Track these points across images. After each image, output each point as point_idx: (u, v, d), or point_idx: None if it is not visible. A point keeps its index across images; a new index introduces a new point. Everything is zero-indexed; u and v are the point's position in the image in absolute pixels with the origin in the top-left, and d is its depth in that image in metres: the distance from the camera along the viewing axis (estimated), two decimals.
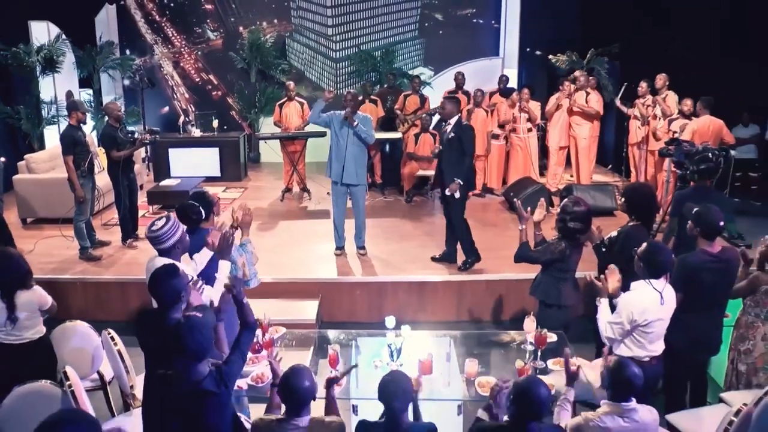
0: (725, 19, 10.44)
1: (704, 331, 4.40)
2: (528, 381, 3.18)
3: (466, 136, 6.80)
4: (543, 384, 3.16)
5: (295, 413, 3.19)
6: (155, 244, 4.09)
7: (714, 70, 10.23)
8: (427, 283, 6.72)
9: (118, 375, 4.51)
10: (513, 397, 3.12)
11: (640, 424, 3.30)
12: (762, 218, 8.55)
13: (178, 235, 4.07)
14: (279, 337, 4.67)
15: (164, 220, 4.07)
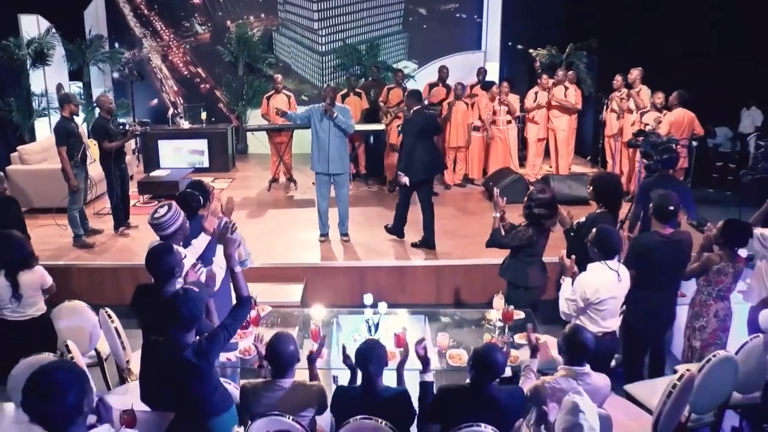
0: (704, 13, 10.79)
1: (657, 308, 4.76)
2: (486, 347, 3.53)
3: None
4: (499, 350, 3.52)
5: (279, 375, 3.53)
6: (157, 231, 4.31)
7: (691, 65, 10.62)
8: (407, 267, 7.06)
9: (114, 351, 4.81)
10: (472, 362, 3.47)
11: (592, 386, 3.65)
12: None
13: (179, 222, 4.31)
14: (265, 315, 4.99)
15: (166, 208, 4.30)
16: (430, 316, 5.05)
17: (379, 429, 3.41)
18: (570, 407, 2.72)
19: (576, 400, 2.74)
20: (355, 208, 8.51)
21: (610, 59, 11.06)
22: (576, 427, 2.66)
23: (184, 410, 3.48)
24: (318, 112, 7.26)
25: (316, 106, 7.35)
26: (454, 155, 10.26)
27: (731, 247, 4.78)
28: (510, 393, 3.59)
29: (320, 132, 7.27)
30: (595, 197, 5.31)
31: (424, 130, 7.33)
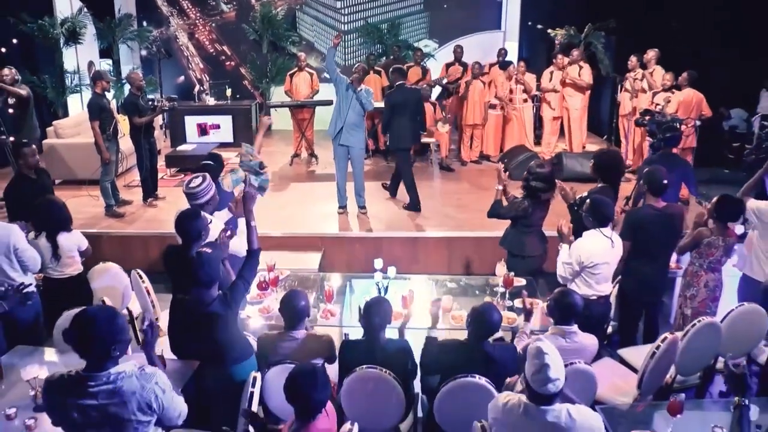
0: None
1: (650, 276, 5.06)
2: (483, 306, 3.88)
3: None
4: (495, 309, 3.86)
5: (292, 327, 3.92)
6: (191, 200, 4.73)
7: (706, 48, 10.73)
8: (420, 238, 7.41)
9: (145, 308, 5.24)
10: (470, 319, 3.82)
11: (579, 344, 3.99)
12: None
13: (212, 193, 4.75)
14: (284, 278, 5.38)
15: (201, 179, 4.72)
16: (437, 281, 5.40)
17: (381, 377, 3.78)
18: (535, 352, 3.04)
19: (539, 345, 3.08)
20: (373, 182, 8.85)
21: (628, 40, 11.20)
22: (543, 367, 2.99)
23: (210, 358, 3.88)
24: (345, 81, 7.60)
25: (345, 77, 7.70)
26: (471, 133, 10.53)
27: (723, 221, 5.04)
28: (504, 349, 3.94)
29: (342, 101, 7.62)
30: (596, 172, 5.58)
31: (402, 106, 7.92)
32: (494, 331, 3.86)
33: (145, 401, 2.82)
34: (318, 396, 2.97)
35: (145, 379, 2.86)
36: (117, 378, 2.79)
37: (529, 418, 3.10)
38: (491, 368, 3.83)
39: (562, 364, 3.10)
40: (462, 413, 3.67)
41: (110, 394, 2.76)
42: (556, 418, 3.07)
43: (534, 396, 3.08)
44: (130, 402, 2.78)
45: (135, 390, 2.80)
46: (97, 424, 2.77)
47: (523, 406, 3.12)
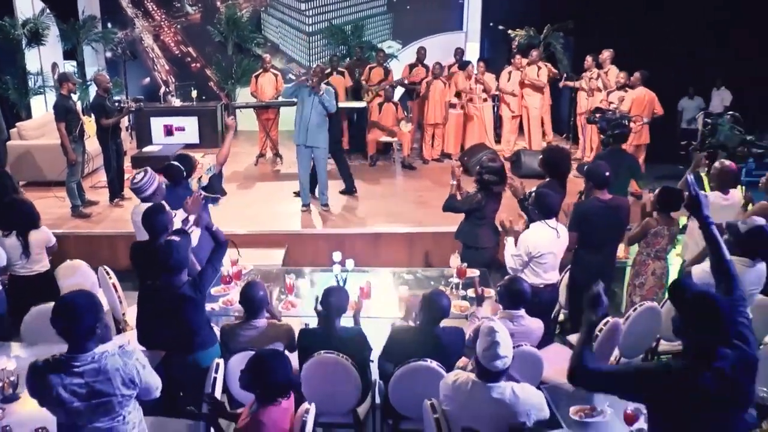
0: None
1: (597, 265, 5.31)
2: (433, 292, 4.13)
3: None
4: (445, 295, 4.11)
5: (252, 316, 4.13)
6: (137, 194, 5.13)
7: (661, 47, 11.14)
8: (381, 234, 7.63)
9: (112, 304, 5.36)
10: (421, 305, 4.06)
11: (525, 328, 4.24)
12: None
13: (155, 184, 5.11)
14: (247, 272, 5.56)
15: (142, 173, 5.13)
16: (394, 273, 5.64)
17: (338, 362, 3.99)
18: (487, 330, 3.28)
19: (491, 324, 3.32)
20: (337, 181, 9.05)
21: (585, 40, 11.56)
22: (493, 344, 3.23)
23: (178, 344, 4.06)
24: (305, 87, 7.77)
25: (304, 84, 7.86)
26: (432, 132, 10.78)
27: (666, 211, 5.34)
28: (453, 333, 4.18)
29: (305, 106, 7.78)
30: (544, 168, 5.84)
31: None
32: (444, 315, 4.10)
33: (128, 376, 3.02)
34: (279, 378, 3.16)
35: (127, 356, 3.07)
36: (101, 357, 2.99)
37: (475, 394, 3.34)
38: (442, 351, 4.07)
39: (510, 344, 3.35)
40: (415, 395, 3.87)
41: (96, 372, 2.96)
42: (500, 394, 3.31)
43: (482, 372, 3.32)
44: (114, 378, 2.98)
45: (118, 366, 3.00)
46: (84, 400, 2.96)
47: (471, 383, 3.36)
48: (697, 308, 2.80)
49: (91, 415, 2.99)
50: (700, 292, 2.94)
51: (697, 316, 2.78)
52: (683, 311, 2.85)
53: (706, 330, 2.76)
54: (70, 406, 2.94)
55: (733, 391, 2.74)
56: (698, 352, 2.79)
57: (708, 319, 2.75)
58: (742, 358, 2.78)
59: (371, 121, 10.55)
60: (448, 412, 3.46)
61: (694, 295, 2.89)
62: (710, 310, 2.75)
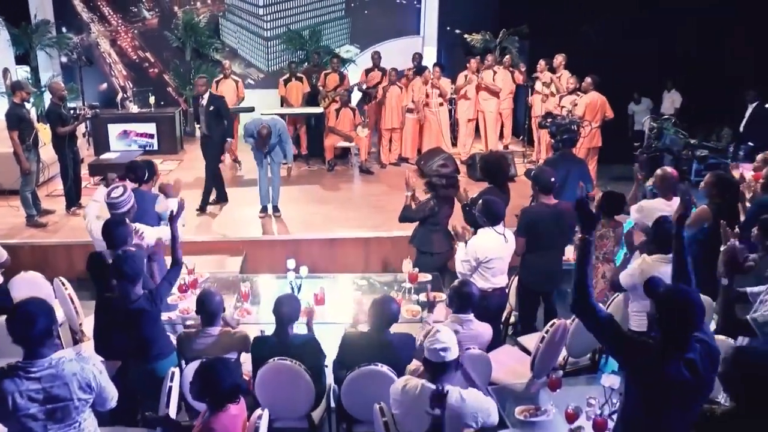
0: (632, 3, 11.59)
1: (544, 268, 5.50)
2: (382, 298, 4.25)
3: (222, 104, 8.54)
4: (393, 300, 4.24)
5: (208, 324, 4.21)
6: (112, 209, 4.98)
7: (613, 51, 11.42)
8: (337, 239, 7.74)
9: (68, 316, 5.38)
10: (371, 311, 4.18)
11: (474, 332, 4.38)
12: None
13: (131, 203, 5.03)
14: (203, 280, 5.62)
15: (121, 189, 5.01)
16: (348, 279, 5.75)
17: (292, 368, 4.09)
18: (433, 332, 3.44)
19: (437, 327, 3.47)
20: (295, 186, 9.15)
21: (540, 44, 11.80)
22: (436, 333, 3.39)
23: (135, 354, 4.13)
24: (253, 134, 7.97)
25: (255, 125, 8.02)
26: (390, 136, 10.91)
27: (610, 215, 5.53)
28: (403, 338, 4.31)
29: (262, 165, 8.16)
30: (482, 175, 6.00)
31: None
32: (393, 320, 4.24)
33: (85, 381, 3.10)
34: (226, 385, 3.25)
35: (84, 361, 3.15)
36: (58, 362, 3.07)
37: (424, 398, 3.45)
38: (393, 355, 4.20)
39: (454, 338, 3.47)
40: (367, 399, 3.99)
41: (53, 377, 3.03)
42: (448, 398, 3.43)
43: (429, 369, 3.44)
44: (71, 383, 3.06)
45: (75, 371, 3.08)
46: (41, 405, 3.02)
47: (420, 387, 3.48)
48: (672, 302, 2.99)
49: (47, 421, 3.05)
50: (673, 287, 3.17)
51: (673, 310, 2.97)
52: (659, 306, 3.01)
53: (681, 322, 2.95)
54: (26, 413, 2.99)
55: (700, 381, 2.92)
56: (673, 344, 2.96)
57: (682, 312, 2.94)
58: (708, 351, 2.99)
59: (328, 126, 10.65)
60: (397, 415, 3.58)
61: (669, 290, 3.11)
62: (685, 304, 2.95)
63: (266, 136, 7.86)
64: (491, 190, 5.81)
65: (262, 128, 7.85)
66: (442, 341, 3.37)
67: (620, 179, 10.40)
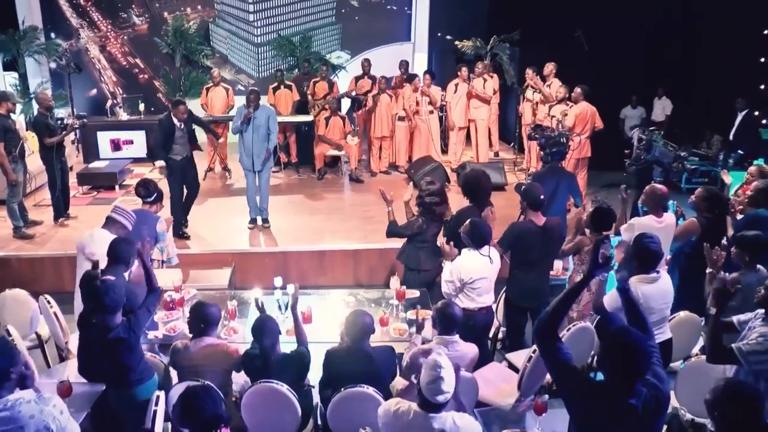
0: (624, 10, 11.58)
1: (531, 285, 5.50)
2: (353, 313, 4.33)
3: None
4: (366, 314, 4.32)
5: (198, 335, 4.21)
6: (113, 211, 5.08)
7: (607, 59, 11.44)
8: (326, 251, 7.72)
9: (54, 334, 5.35)
10: (346, 326, 4.21)
11: (460, 353, 4.37)
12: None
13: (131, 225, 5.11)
14: (190, 297, 5.59)
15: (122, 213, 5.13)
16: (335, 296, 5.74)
17: (277, 391, 4.09)
18: (432, 364, 3.40)
19: (437, 358, 3.44)
20: (284, 196, 9.12)
21: (531, 51, 11.81)
22: (438, 379, 3.35)
23: (115, 380, 4.11)
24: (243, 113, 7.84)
25: (243, 106, 7.91)
26: (380, 144, 10.91)
27: (598, 230, 5.52)
28: (382, 351, 4.37)
29: (245, 133, 7.88)
30: (464, 195, 5.98)
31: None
32: (370, 331, 4.29)
33: (43, 424, 2.98)
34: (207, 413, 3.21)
35: (44, 403, 3.03)
36: (15, 404, 2.96)
37: (416, 424, 3.43)
38: (375, 369, 4.24)
39: (453, 379, 3.46)
40: (353, 421, 3.99)
41: (8, 420, 2.92)
42: (441, 425, 3.41)
43: (424, 403, 3.43)
44: (27, 426, 2.94)
45: (33, 414, 2.96)
46: None
47: (412, 413, 3.45)
48: (617, 344, 2.98)
49: None
50: (620, 328, 3.13)
51: (617, 352, 2.96)
52: (603, 345, 3.01)
53: (624, 366, 2.94)
54: None
55: (642, 427, 2.91)
56: (616, 386, 2.96)
57: (626, 355, 2.92)
58: (655, 397, 2.97)
59: (318, 135, 10.63)
60: None
61: (616, 332, 3.08)
62: (629, 347, 2.93)
63: (255, 98, 7.84)
64: (470, 209, 5.78)
65: (251, 91, 7.90)
66: (445, 390, 3.33)
67: (611, 186, 10.46)
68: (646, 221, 5.58)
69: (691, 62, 12.05)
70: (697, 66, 11.98)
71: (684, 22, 11.79)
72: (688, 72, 12.16)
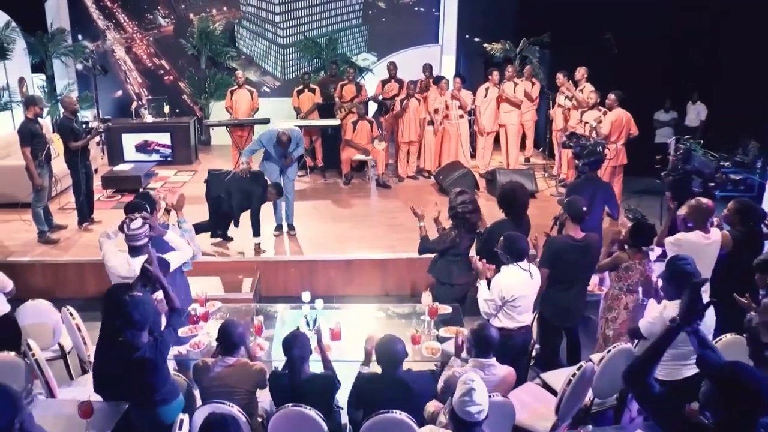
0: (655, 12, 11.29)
1: (566, 303, 5.29)
2: (383, 340, 4.11)
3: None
4: (397, 340, 4.09)
5: (226, 353, 4.06)
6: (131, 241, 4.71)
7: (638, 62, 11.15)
8: (354, 261, 7.53)
9: (76, 346, 5.24)
10: (377, 354, 4.02)
11: (497, 378, 4.17)
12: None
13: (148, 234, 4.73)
14: (214, 311, 5.44)
15: (140, 222, 4.72)
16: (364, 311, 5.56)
17: (305, 415, 3.91)
18: (463, 379, 3.23)
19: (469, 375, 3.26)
20: (309, 201, 8.96)
21: (561, 54, 11.55)
22: (469, 391, 3.18)
23: (138, 400, 3.95)
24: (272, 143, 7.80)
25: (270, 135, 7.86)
26: (407, 149, 10.71)
27: (638, 246, 5.30)
28: (418, 376, 4.16)
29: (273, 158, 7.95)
30: (500, 208, 5.76)
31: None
32: (400, 358, 4.09)
33: None
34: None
35: None
36: None
37: None
38: (410, 395, 4.03)
39: (486, 396, 3.28)
40: None
41: None
42: None
43: (457, 424, 3.24)
44: None
45: None
46: None
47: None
48: (736, 383, 2.66)
49: None
50: (734, 365, 2.80)
51: (737, 392, 2.64)
52: (719, 386, 2.71)
53: (747, 406, 2.63)
54: None
55: None
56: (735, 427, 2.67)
57: (749, 395, 2.62)
58: None
59: (345, 139, 10.45)
60: None
61: (731, 369, 2.76)
62: (751, 385, 2.63)
63: (286, 142, 7.72)
64: (505, 223, 5.57)
65: (282, 135, 7.72)
66: (477, 402, 3.17)
67: (643, 192, 10.19)
68: (694, 238, 5.30)
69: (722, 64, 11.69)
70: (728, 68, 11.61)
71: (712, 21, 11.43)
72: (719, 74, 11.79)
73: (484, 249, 5.30)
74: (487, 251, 5.13)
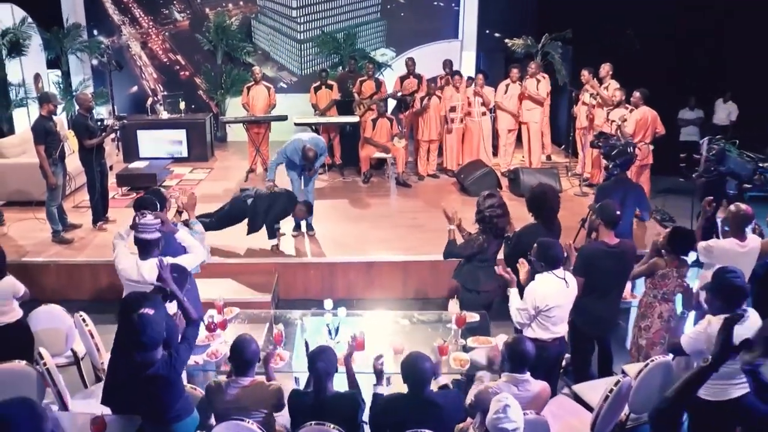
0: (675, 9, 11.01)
1: (599, 313, 5.04)
2: (411, 358, 3.85)
3: None
4: (426, 359, 3.84)
5: (240, 374, 3.84)
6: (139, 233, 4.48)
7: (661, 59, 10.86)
8: (374, 263, 7.30)
9: (90, 352, 5.05)
10: (404, 373, 3.78)
11: (531, 393, 3.93)
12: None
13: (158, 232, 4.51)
14: (232, 317, 5.24)
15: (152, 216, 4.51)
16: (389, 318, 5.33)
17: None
18: (498, 397, 3.03)
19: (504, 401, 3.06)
20: (328, 200, 8.74)
21: (584, 50, 11.26)
22: (504, 408, 2.99)
23: (151, 416, 3.74)
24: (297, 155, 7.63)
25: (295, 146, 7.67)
26: (428, 147, 10.47)
27: (677, 253, 5.04)
28: (448, 396, 3.91)
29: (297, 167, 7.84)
30: (528, 209, 5.51)
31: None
32: (430, 377, 3.84)
33: None
34: None
35: None
36: None
37: None
38: (438, 415, 3.79)
39: (521, 414, 3.09)
40: None
41: None
42: None
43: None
44: None
45: None
46: None
47: None
48: None
49: None
50: None
51: None
52: None
53: None
54: None
55: None
56: None
57: None
58: None
59: (364, 137, 10.22)
60: None
61: None
62: None
63: (314, 157, 7.57)
64: (535, 227, 5.33)
65: (308, 150, 7.51)
66: (513, 419, 2.97)
67: (668, 192, 9.92)
68: (728, 245, 5.06)
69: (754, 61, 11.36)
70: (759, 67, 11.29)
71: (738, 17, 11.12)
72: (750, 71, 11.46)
73: (512, 255, 5.05)
74: (513, 257, 4.88)
